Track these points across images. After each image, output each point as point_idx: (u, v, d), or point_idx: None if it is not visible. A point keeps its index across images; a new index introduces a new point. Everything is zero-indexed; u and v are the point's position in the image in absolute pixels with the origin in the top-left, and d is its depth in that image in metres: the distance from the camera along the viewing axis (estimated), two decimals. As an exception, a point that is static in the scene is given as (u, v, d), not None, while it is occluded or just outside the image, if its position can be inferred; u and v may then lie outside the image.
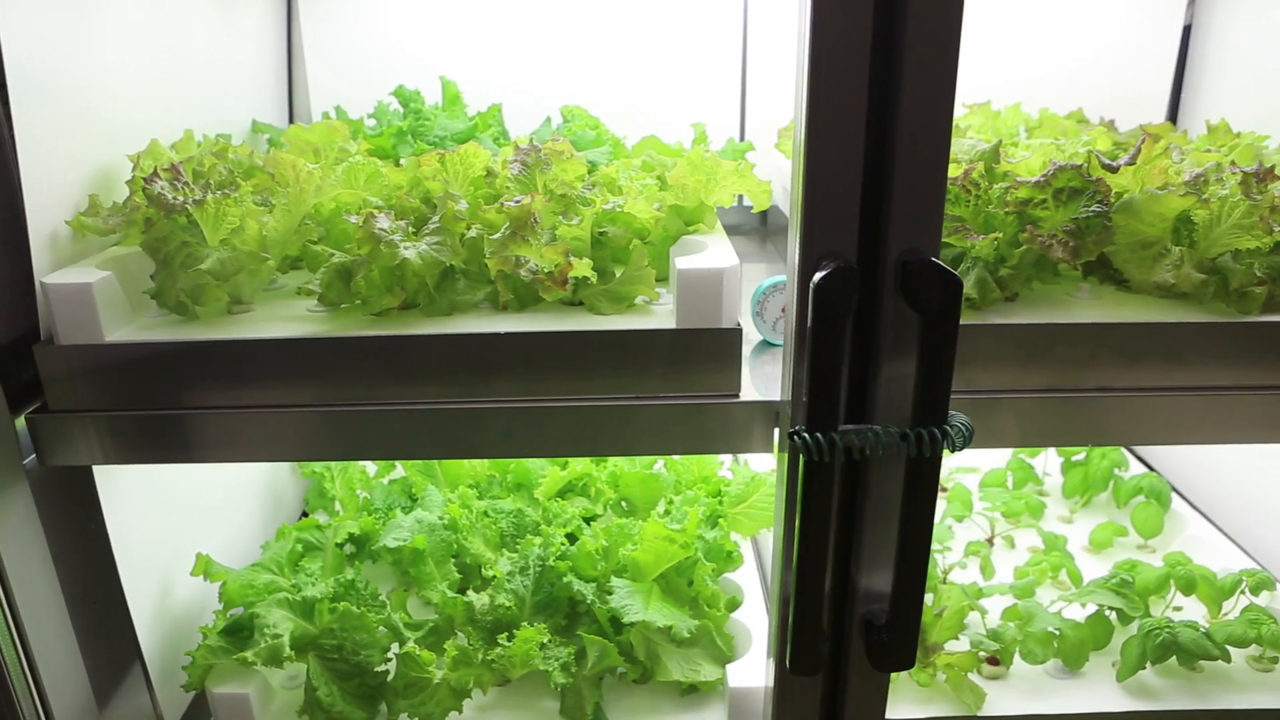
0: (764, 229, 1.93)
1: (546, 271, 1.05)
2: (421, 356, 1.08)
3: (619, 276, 1.14)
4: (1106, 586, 1.45)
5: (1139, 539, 1.72)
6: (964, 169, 1.14)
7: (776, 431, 1.07)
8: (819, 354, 0.86)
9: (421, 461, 1.71)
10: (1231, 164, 1.15)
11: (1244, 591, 1.46)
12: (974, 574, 1.61)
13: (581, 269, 1.04)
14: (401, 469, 1.78)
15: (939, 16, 0.83)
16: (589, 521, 1.58)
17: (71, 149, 1.19)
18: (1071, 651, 1.39)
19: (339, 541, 1.53)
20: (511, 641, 1.28)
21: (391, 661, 1.33)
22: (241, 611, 1.35)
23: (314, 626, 1.33)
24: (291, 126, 1.42)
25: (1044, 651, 1.37)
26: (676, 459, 1.69)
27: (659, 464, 1.70)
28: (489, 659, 1.30)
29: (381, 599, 1.42)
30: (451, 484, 1.69)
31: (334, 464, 1.71)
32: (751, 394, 1.10)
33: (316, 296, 1.10)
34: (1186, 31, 1.83)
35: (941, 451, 0.90)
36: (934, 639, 1.39)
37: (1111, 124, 1.73)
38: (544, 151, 1.15)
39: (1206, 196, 1.12)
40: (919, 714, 1.33)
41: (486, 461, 1.72)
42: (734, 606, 1.45)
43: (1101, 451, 1.84)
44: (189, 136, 1.38)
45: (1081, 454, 1.88)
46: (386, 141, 1.50)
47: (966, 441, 0.90)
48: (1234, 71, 1.76)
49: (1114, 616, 1.44)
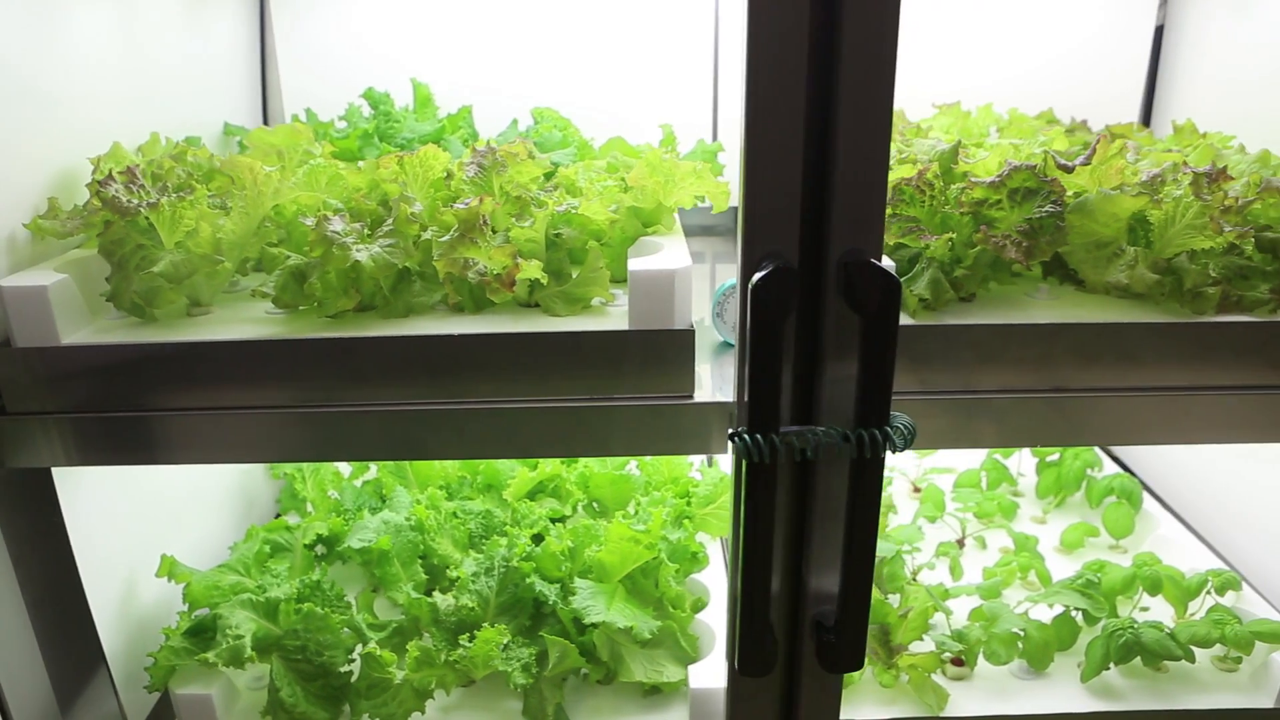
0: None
1: (495, 274, 1.05)
2: (374, 358, 1.09)
3: (575, 278, 1.14)
4: (1072, 587, 1.45)
5: (1110, 539, 1.72)
6: (918, 169, 1.14)
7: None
8: (757, 355, 0.86)
9: (393, 463, 1.71)
10: (1184, 164, 1.15)
11: (1210, 592, 1.46)
12: (943, 575, 1.61)
13: (530, 271, 1.05)
14: (375, 470, 1.78)
15: (875, 19, 0.83)
16: (559, 522, 1.58)
17: (32, 151, 1.20)
18: (1036, 652, 1.39)
19: (307, 543, 1.53)
20: (473, 642, 1.28)
21: (356, 662, 1.34)
22: (207, 613, 1.35)
23: (278, 627, 1.34)
24: (254, 129, 1.43)
25: (1008, 652, 1.37)
26: (647, 460, 1.69)
27: (631, 465, 1.71)
28: (451, 660, 1.30)
29: (347, 600, 1.42)
30: (422, 485, 1.69)
31: (305, 465, 1.71)
32: (707, 395, 1.10)
33: (271, 299, 1.11)
34: (1159, 32, 1.83)
35: (884, 452, 0.90)
36: (898, 640, 1.39)
37: (1084, 124, 1.73)
38: (500, 154, 1.15)
39: (1160, 197, 1.12)
40: (882, 715, 1.33)
41: (457, 463, 1.73)
42: (699, 607, 1.45)
43: (1074, 452, 1.84)
44: (155, 139, 1.39)
45: (1055, 454, 1.88)
46: (353, 144, 1.50)
47: (907, 443, 0.90)
48: (1205, 71, 1.76)
49: (1080, 617, 1.44)
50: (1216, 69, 1.73)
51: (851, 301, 0.89)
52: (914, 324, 1.09)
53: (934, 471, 1.93)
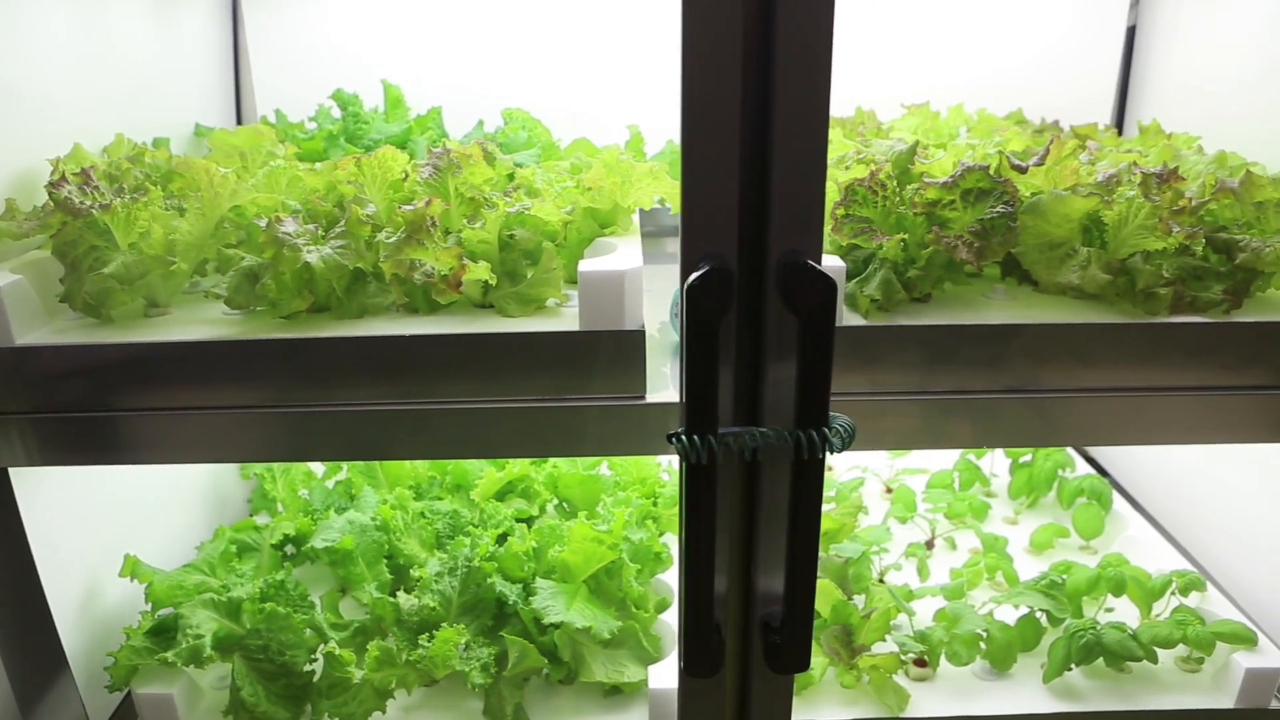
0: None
1: (442, 275, 1.05)
2: (326, 359, 1.09)
3: (529, 279, 1.14)
4: (1036, 588, 1.45)
5: (1081, 540, 1.72)
6: (870, 170, 1.14)
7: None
8: (693, 356, 0.86)
9: (363, 463, 1.71)
10: (1134, 165, 1.15)
11: (1174, 593, 1.46)
12: (911, 576, 1.61)
13: (478, 272, 1.05)
14: (347, 471, 1.79)
15: (810, 21, 0.83)
16: (526, 523, 1.59)
17: (-7, 152, 1.20)
18: (999, 653, 1.39)
19: (274, 543, 1.54)
20: (432, 642, 1.28)
21: (319, 662, 1.34)
22: (171, 612, 1.36)
23: (240, 627, 1.34)
24: (216, 130, 1.43)
25: (970, 653, 1.37)
26: (618, 460, 1.69)
27: (604, 465, 1.71)
28: (412, 659, 1.30)
29: (311, 600, 1.42)
30: (392, 485, 1.69)
31: (275, 465, 1.72)
32: (670, 396, 1.10)
33: (224, 299, 1.11)
34: (1131, 33, 1.83)
35: (823, 453, 0.90)
36: (861, 641, 1.39)
37: (1055, 125, 1.73)
38: (454, 155, 1.15)
39: (1113, 198, 1.12)
40: (842, 715, 1.33)
41: (427, 463, 1.73)
42: (663, 608, 1.45)
43: (1046, 453, 1.84)
44: (120, 140, 1.39)
45: (1028, 455, 1.87)
46: (318, 145, 1.51)
47: (846, 443, 0.90)
48: (1177, 72, 1.75)
49: (1044, 618, 1.44)
50: (1188, 69, 1.72)
51: (789, 303, 0.89)
52: (865, 325, 1.09)
53: (906, 472, 1.93)
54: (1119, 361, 1.11)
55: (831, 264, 1.05)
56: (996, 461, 1.97)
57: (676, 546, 1.57)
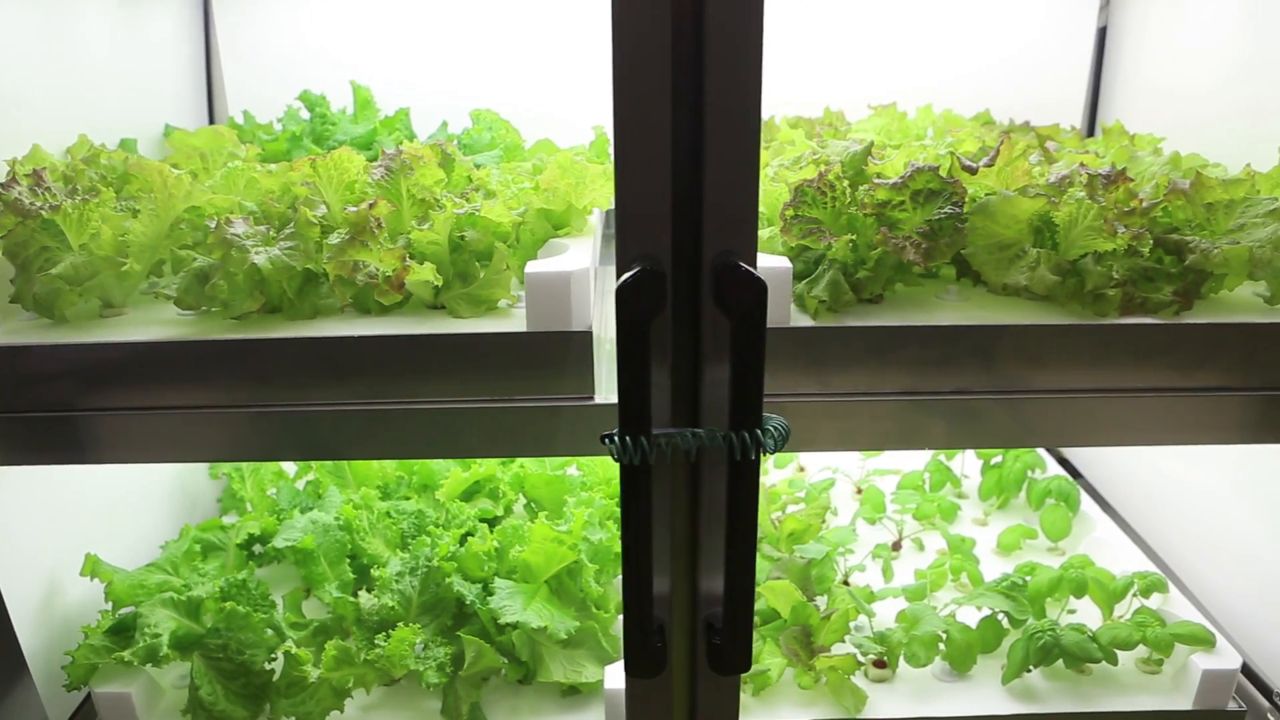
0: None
1: (385, 276, 1.06)
2: (278, 359, 1.09)
3: (480, 280, 1.14)
4: (997, 589, 1.45)
5: (1049, 541, 1.72)
6: (819, 171, 1.14)
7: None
8: (625, 357, 0.86)
9: (331, 462, 1.72)
10: (1081, 166, 1.15)
11: (1136, 594, 1.45)
12: (876, 577, 1.61)
13: (422, 273, 1.05)
14: (315, 470, 1.79)
15: (739, 23, 0.83)
16: (490, 523, 1.59)
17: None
18: (958, 655, 1.39)
19: (239, 542, 1.54)
20: (388, 641, 1.29)
21: (278, 661, 1.34)
22: (132, 611, 1.36)
23: (199, 626, 1.35)
24: (176, 132, 1.44)
25: (928, 654, 1.37)
26: (585, 460, 1.70)
27: (572, 466, 1.71)
28: (370, 659, 1.31)
29: (273, 599, 1.43)
30: (359, 485, 1.70)
31: (244, 465, 1.72)
32: (609, 397, 1.10)
33: (174, 300, 1.11)
34: (1102, 34, 1.82)
35: (758, 454, 0.90)
36: (820, 642, 1.39)
37: (1025, 126, 1.73)
38: (406, 156, 1.16)
39: (1062, 199, 1.12)
40: (800, 716, 1.33)
41: (394, 463, 1.73)
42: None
43: (1016, 454, 1.83)
44: (83, 141, 1.40)
45: (999, 456, 1.87)
46: (281, 146, 1.51)
47: (779, 444, 0.90)
48: (1146, 73, 1.75)
49: (1005, 620, 1.43)
50: (1158, 71, 1.72)
51: (721, 304, 0.89)
52: (813, 326, 1.09)
53: (878, 473, 1.93)
54: (1069, 363, 1.11)
55: (778, 265, 1.05)
56: (968, 463, 1.96)
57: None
